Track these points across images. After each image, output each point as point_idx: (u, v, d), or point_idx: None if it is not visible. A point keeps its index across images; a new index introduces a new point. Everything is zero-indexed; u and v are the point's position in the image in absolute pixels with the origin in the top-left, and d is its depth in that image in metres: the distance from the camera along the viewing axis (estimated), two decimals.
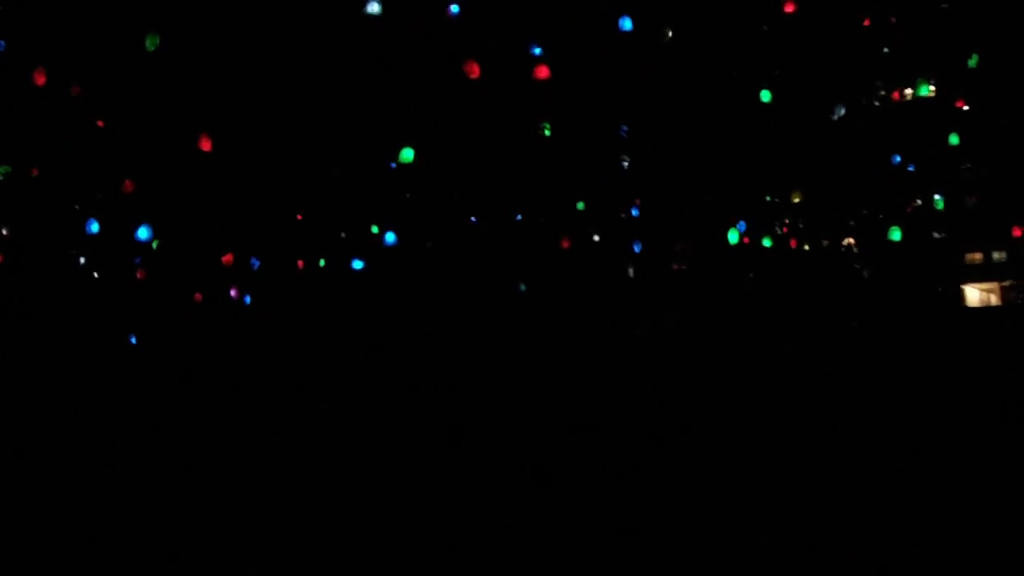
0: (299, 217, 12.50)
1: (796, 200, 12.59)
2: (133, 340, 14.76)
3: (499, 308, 12.30)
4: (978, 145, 15.03)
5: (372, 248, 12.58)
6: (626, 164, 12.34)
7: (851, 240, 21.41)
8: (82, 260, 14.05)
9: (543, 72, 11.11)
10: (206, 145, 10.95)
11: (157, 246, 12.73)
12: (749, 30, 12.25)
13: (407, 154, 11.30)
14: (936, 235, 19.41)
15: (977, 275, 22.38)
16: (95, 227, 12.28)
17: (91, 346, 14.26)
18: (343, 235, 12.83)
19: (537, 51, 11.41)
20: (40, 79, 11.08)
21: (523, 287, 12.21)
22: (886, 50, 13.29)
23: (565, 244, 12.92)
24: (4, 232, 13.83)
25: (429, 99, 11.48)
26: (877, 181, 13.48)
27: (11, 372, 13.59)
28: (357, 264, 12.87)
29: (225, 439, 10.37)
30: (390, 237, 12.40)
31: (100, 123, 12.05)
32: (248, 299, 13.12)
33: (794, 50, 12.33)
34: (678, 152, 12.47)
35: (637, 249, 12.67)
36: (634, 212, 13.14)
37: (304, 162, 11.64)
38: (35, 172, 13.31)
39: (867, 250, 18.94)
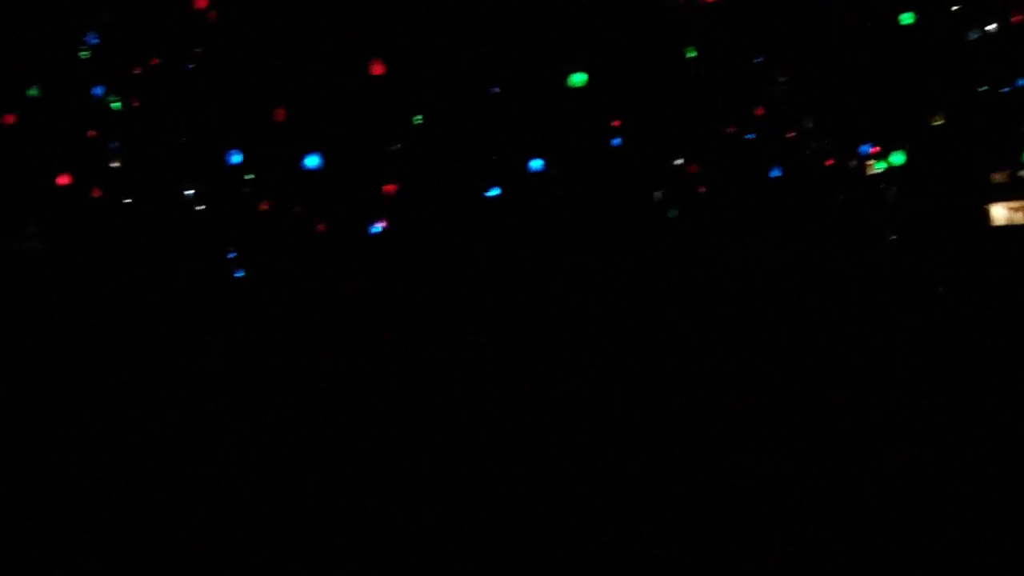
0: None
1: (938, 123, 12.84)
2: (240, 274, 14.50)
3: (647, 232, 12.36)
4: None
5: (513, 174, 12.47)
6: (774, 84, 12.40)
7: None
8: (190, 192, 13.72)
9: None
10: (378, 69, 10.68)
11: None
12: None
13: (579, 78, 11.16)
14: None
15: (1004, 193, 22.95)
16: (238, 158, 11.95)
17: (193, 280, 13.97)
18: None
19: None
20: (201, 2, 10.64)
21: (674, 212, 12.27)
22: None
23: (693, 169, 13.04)
24: (117, 164, 13.42)
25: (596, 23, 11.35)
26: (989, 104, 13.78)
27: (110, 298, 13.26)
28: (494, 191, 12.77)
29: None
30: (536, 163, 12.25)
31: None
32: (378, 228, 12.92)
33: None
34: (817, 74, 12.58)
35: (775, 174, 12.80)
36: (749, 136, 13.28)
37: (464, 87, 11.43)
38: (135, 104, 12.92)
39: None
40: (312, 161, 10.83)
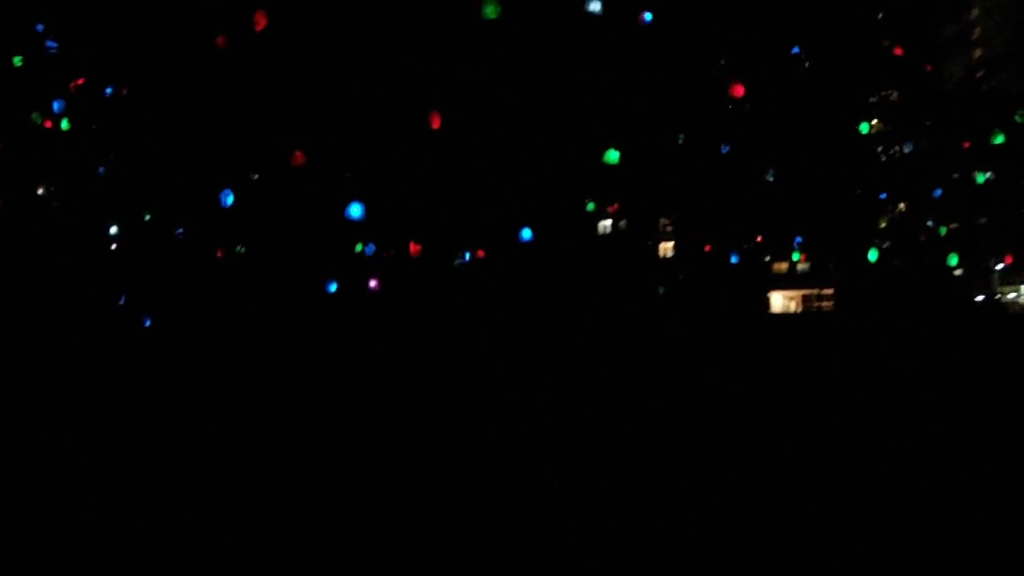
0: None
1: (883, 225, 14.03)
2: (148, 323, 13.03)
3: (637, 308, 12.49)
4: None
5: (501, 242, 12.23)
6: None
7: (669, 245, 23.44)
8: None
9: (739, 90, 11.59)
10: (436, 123, 10.09)
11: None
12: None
13: (612, 156, 11.23)
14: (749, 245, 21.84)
15: (783, 283, 25.16)
16: (229, 199, 10.78)
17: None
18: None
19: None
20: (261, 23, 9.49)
21: (661, 289, 12.48)
22: None
23: (707, 248, 13.57)
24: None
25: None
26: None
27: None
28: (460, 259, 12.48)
29: None
30: (526, 233, 12.12)
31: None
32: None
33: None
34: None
35: (735, 260, 13.46)
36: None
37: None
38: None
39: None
40: (355, 211, 10.02)
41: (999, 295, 22.81)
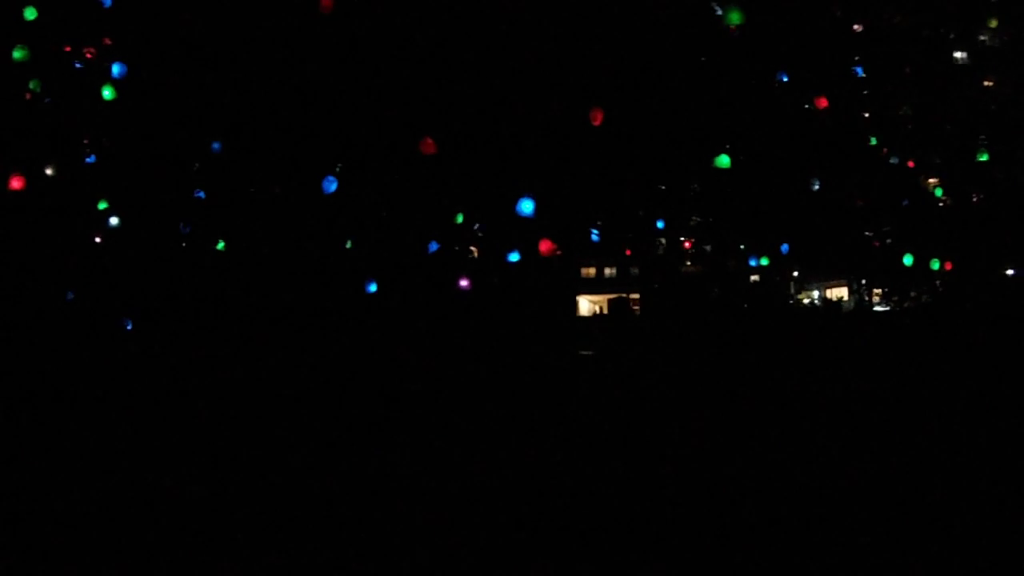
0: None
1: None
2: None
3: None
4: None
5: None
6: None
7: (475, 249, 23.21)
8: None
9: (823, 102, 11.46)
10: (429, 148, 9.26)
11: None
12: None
13: (724, 160, 10.72)
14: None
15: (590, 288, 25.32)
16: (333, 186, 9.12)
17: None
18: None
19: None
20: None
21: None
22: None
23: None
24: None
25: None
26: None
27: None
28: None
29: None
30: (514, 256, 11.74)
31: None
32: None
33: None
34: None
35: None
36: None
37: None
38: None
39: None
40: (527, 207, 8.87)
41: (794, 300, 24.17)
